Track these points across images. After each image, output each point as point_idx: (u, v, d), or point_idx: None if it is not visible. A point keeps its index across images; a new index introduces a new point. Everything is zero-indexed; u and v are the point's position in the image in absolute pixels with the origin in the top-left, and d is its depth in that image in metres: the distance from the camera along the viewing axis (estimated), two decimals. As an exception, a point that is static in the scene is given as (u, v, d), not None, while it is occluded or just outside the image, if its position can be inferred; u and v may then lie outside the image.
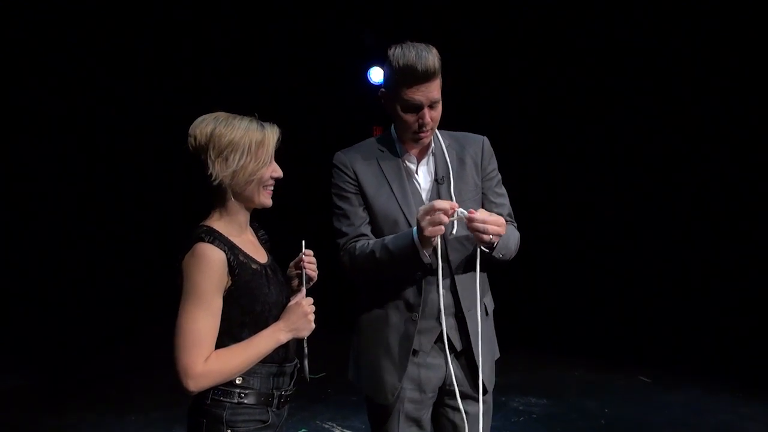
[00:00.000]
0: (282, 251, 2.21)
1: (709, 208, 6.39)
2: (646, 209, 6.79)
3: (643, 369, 5.69)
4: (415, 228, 2.10)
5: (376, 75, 7.47)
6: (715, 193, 6.38)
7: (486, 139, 2.44)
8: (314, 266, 2.13)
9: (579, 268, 6.84)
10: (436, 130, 2.37)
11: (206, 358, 1.81)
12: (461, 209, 2.08)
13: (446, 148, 2.36)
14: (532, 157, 7.17)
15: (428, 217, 2.03)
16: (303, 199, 6.79)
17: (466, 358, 2.32)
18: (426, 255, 2.11)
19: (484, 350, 2.30)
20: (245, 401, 1.90)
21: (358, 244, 2.25)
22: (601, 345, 6.27)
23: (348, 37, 7.39)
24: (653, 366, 5.75)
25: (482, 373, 2.28)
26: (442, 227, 2.04)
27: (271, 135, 1.94)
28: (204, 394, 1.87)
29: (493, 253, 2.20)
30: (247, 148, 1.89)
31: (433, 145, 2.34)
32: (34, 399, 5.38)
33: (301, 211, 6.62)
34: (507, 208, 2.43)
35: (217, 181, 1.89)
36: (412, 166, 2.34)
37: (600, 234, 6.84)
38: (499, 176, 2.44)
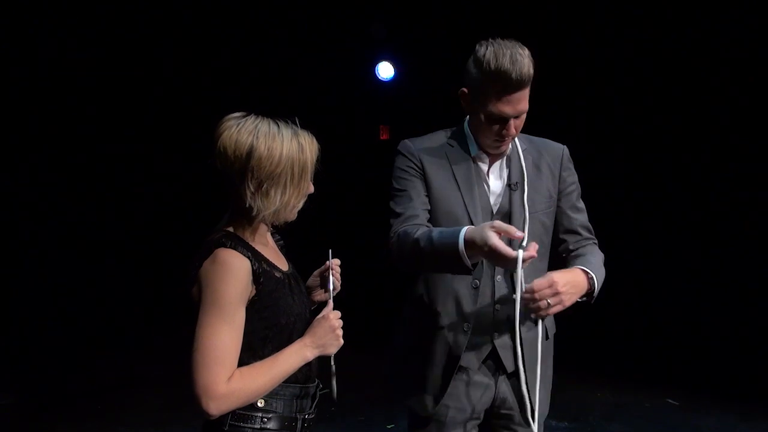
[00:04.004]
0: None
1: (743, 225, 6.34)
2: (677, 225, 6.74)
3: (671, 391, 5.63)
4: (464, 229, 1.93)
5: (385, 71, 7.39)
6: (747, 211, 6.33)
7: (566, 148, 2.38)
8: (339, 276, 2.08)
9: (603, 285, 6.78)
10: None
11: (229, 377, 1.74)
12: (522, 251, 1.87)
13: (522, 152, 2.29)
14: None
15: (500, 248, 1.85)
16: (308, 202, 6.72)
17: (518, 380, 2.24)
18: (468, 261, 1.93)
19: (540, 376, 2.22)
20: (268, 426, 1.83)
21: (410, 228, 2.12)
22: (626, 365, 6.24)
23: (356, 29, 7.32)
24: (681, 388, 5.69)
25: (535, 400, 2.18)
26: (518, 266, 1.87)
27: (311, 156, 1.87)
28: (221, 419, 1.79)
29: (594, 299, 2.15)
30: (289, 179, 1.82)
31: (509, 147, 2.27)
32: (18, 416, 5.34)
33: (305, 215, 6.55)
34: (585, 222, 2.37)
35: (254, 212, 1.82)
36: (484, 167, 2.26)
37: (624, 250, 6.76)
38: (579, 189, 2.39)
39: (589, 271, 2.10)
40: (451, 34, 6.64)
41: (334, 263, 2.06)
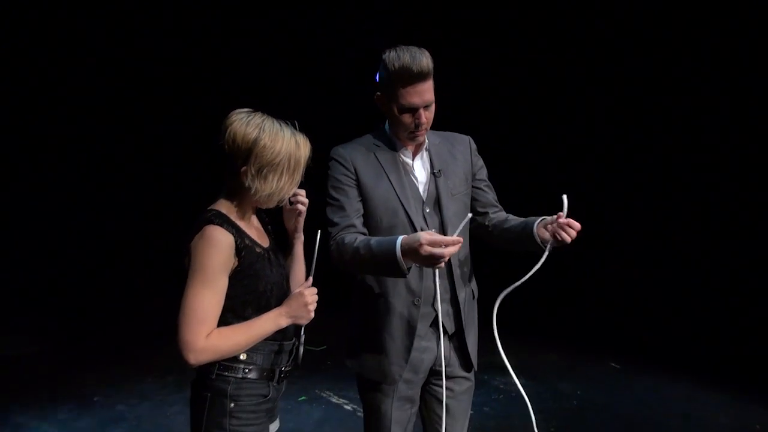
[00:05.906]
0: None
1: (691, 198, 6.03)
2: (627, 196, 6.48)
3: (615, 356, 5.68)
4: (399, 238, 2.01)
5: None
6: (687, 185, 6.06)
7: (471, 138, 2.54)
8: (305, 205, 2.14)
9: (557, 257, 6.69)
10: None
11: (208, 334, 1.82)
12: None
13: (438, 144, 2.43)
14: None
15: (431, 250, 1.90)
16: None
17: (457, 340, 2.41)
18: (404, 266, 2.01)
19: (473, 332, 2.45)
20: (249, 376, 1.93)
21: (348, 237, 2.20)
22: (577, 331, 6.23)
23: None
24: (624, 353, 5.73)
25: (471, 353, 2.42)
26: (442, 264, 1.97)
27: (305, 154, 1.95)
28: (208, 368, 1.91)
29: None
30: (286, 168, 1.91)
31: (427, 141, 2.40)
32: (54, 361, 5.39)
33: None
34: (496, 197, 2.56)
35: (252, 192, 1.91)
36: (408, 160, 2.37)
37: (579, 221, 6.61)
38: (486, 170, 2.56)
39: None
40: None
41: (299, 194, 2.10)
